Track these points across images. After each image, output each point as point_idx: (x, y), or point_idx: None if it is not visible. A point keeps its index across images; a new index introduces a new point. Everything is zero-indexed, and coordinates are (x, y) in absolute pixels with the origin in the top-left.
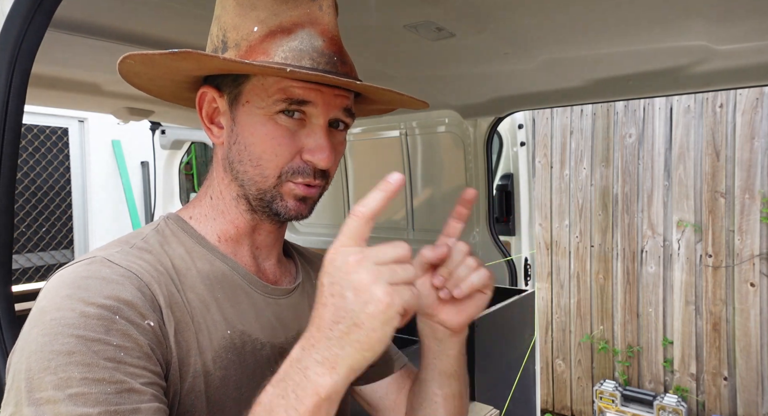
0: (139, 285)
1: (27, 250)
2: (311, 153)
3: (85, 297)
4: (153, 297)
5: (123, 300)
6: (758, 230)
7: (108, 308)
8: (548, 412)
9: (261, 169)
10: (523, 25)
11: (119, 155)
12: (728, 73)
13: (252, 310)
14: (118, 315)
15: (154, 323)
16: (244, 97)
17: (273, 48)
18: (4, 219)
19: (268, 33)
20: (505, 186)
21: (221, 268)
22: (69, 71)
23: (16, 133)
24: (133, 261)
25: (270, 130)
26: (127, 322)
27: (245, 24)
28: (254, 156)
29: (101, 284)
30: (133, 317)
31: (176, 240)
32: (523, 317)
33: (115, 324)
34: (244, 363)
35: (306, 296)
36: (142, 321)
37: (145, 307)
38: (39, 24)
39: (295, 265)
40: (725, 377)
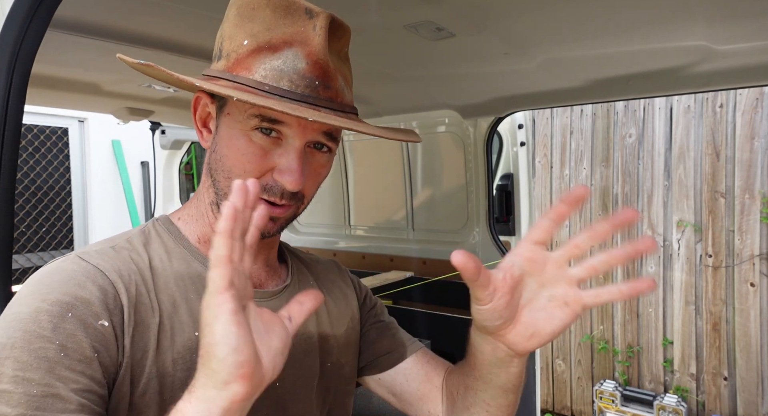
0: (103, 283)
1: (27, 250)
2: (281, 173)
3: (44, 293)
4: (116, 296)
5: (80, 298)
6: (758, 230)
7: (62, 304)
8: (548, 412)
9: (230, 181)
10: (523, 25)
11: (119, 155)
12: (728, 73)
13: None
14: (71, 312)
15: (107, 323)
16: (226, 108)
17: (256, 64)
18: (4, 219)
19: (256, 48)
20: (505, 186)
21: (197, 269)
22: (69, 71)
23: (16, 133)
24: (106, 259)
25: (242, 146)
26: (77, 321)
27: (238, 36)
28: (226, 167)
29: (63, 281)
30: (85, 316)
31: (159, 241)
32: None
33: (64, 321)
34: None
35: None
36: (95, 320)
37: (102, 306)
38: (39, 24)
39: (287, 269)
40: (725, 377)
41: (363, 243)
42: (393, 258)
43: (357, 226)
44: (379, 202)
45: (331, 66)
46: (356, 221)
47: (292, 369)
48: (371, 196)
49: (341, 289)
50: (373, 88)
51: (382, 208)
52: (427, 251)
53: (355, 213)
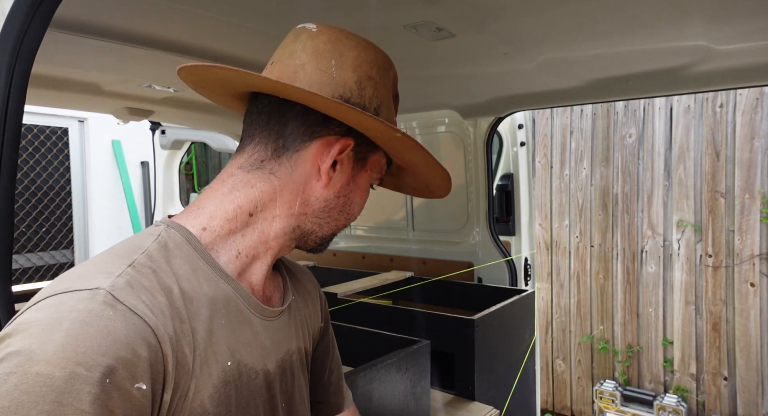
0: (146, 333)
1: (27, 250)
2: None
3: (80, 354)
4: (158, 348)
5: (122, 360)
6: (758, 230)
7: (102, 369)
8: (548, 412)
9: (348, 222)
10: (523, 25)
11: (119, 155)
12: (728, 73)
13: (251, 336)
14: (110, 378)
15: (146, 385)
16: (368, 164)
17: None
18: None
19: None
20: (505, 186)
21: (225, 291)
22: (69, 71)
23: (16, 133)
24: (139, 294)
25: (367, 195)
26: (115, 389)
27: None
28: (352, 213)
29: (101, 336)
30: (124, 381)
31: (181, 256)
32: (523, 317)
33: (104, 392)
34: (240, 395)
35: (292, 313)
36: (133, 385)
37: (144, 367)
38: (39, 24)
39: (282, 279)
40: (725, 377)
41: (363, 243)
42: (393, 258)
43: (357, 226)
44: (379, 202)
45: None
46: (356, 221)
47: (294, 387)
48: (371, 196)
49: (313, 304)
50: None
51: (382, 208)
52: (427, 251)
53: None
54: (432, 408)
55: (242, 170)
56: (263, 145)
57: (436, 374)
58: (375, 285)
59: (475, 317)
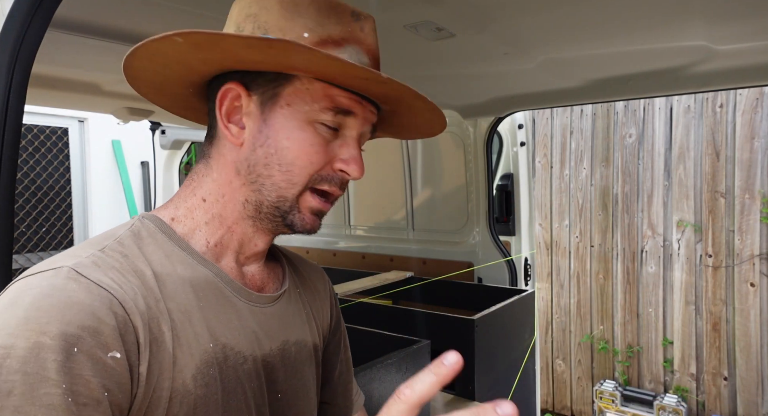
0: (111, 304)
1: (27, 250)
2: (346, 163)
3: (43, 324)
4: (126, 318)
5: (87, 328)
6: (758, 230)
7: (67, 337)
8: (548, 412)
9: (290, 175)
10: (523, 25)
11: (119, 155)
12: (728, 73)
13: (236, 320)
14: (77, 347)
15: (120, 354)
16: (283, 99)
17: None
18: (4, 219)
19: (320, 41)
20: (505, 186)
21: (204, 274)
22: (69, 71)
23: (16, 133)
24: (106, 272)
25: (309, 137)
26: (85, 357)
27: (294, 28)
28: (285, 161)
29: (64, 306)
30: (94, 349)
31: (153, 242)
32: (523, 317)
33: (70, 359)
34: (226, 378)
35: (292, 304)
36: (105, 353)
37: (113, 334)
38: (39, 24)
39: (282, 269)
40: (725, 377)
41: (363, 243)
42: (393, 258)
43: (357, 226)
44: (379, 202)
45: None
46: (356, 221)
47: (294, 379)
48: (371, 196)
49: (322, 301)
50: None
51: (382, 208)
52: (427, 251)
53: (355, 213)
54: (432, 408)
55: (197, 163)
56: (207, 135)
57: None
58: (375, 285)
59: (475, 317)
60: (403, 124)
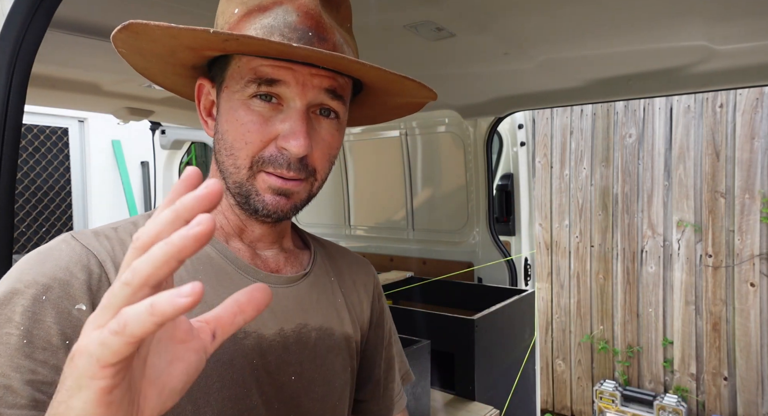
0: (89, 262)
1: (27, 250)
2: (285, 138)
3: (23, 273)
4: (102, 276)
5: (58, 279)
6: (758, 230)
7: (38, 286)
8: (548, 412)
9: (233, 159)
10: (523, 25)
11: (119, 155)
12: (728, 73)
13: None
14: (45, 295)
15: (86, 306)
16: (224, 83)
17: (246, 27)
18: (4, 219)
19: (246, 13)
20: (505, 186)
21: (208, 252)
22: (69, 71)
23: (16, 133)
24: (101, 239)
25: (241, 116)
26: (50, 305)
27: (229, 7)
28: (228, 144)
29: (44, 260)
30: (61, 299)
31: None
32: (523, 317)
33: (35, 305)
34: (222, 350)
35: (317, 289)
36: (72, 304)
37: (82, 289)
38: (39, 24)
39: (310, 256)
40: (725, 377)
41: (363, 243)
42: (393, 258)
43: (357, 226)
44: (379, 202)
45: (324, 18)
46: (356, 221)
47: (312, 364)
48: (371, 196)
49: (361, 294)
50: None
51: (382, 208)
52: (427, 251)
53: (355, 213)
54: (432, 408)
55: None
56: None
57: (436, 374)
58: None
59: (475, 317)
60: (384, 89)
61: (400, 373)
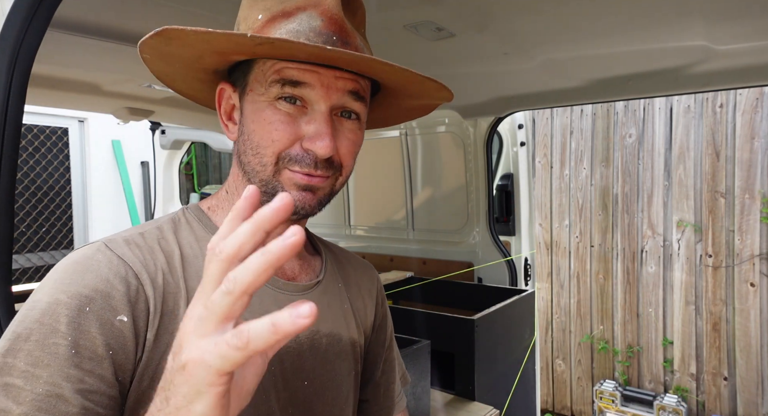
0: (126, 274)
1: (27, 250)
2: (311, 140)
3: (66, 283)
4: (139, 288)
5: (100, 291)
6: (758, 230)
7: (81, 297)
8: (548, 412)
9: (260, 157)
10: (523, 25)
11: (119, 155)
12: (728, 73)
13: (257, 303)
14: (89, 306)
15: (127, 318)
16: (248, 86)
17: (272, 32)
18: (4, 219)
19: (270, 18)
20: (505, 186)
21: None
22: (69, 71)
23: (16, 133)
24: (133, 248)
25: (268, 116)
26: (94, 316)
27: (252, 14)
28: (254, 144)
29: (84, 271)
30: (104, 311)
31: (189, 229)
32: (523, 317)
33: (80, 317)
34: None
35: (327, 296)
36: (114, 316)
37: (123, 300)
38: (39, 24)
39: (321, 262)
40: (725, 377)
41: (363, 243)
42: (393, 258)
43: (357, 226)
44: (379, 202)
45: (347, 24)
46: (356, 221)
47: (323, 369)
48: (371, 196)
49: (366, 298)
50: None
51: (382, 208)
52: (427, 251)
53: (355, 213)
54: (432, 408)
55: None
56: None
57: (436, 374)
58: None
59: (475, 317)
60: (404, 92)
61: (399, 375)
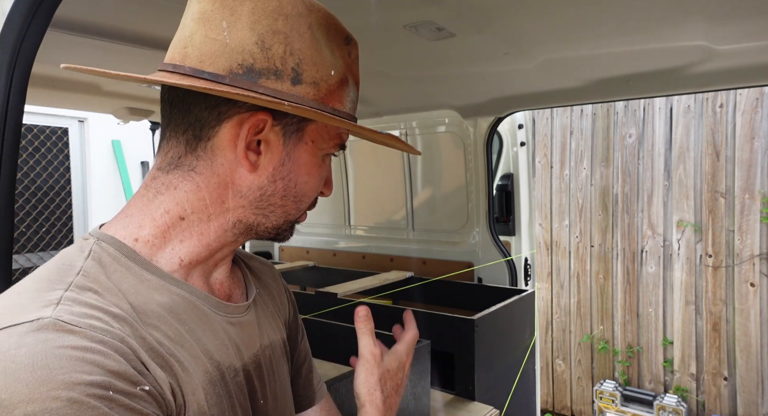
0: (116, 346)
1: (27, 250)
2: (327, 187)
3: (66, 379)
4: (134, 355)
5: (111, 372)
6: (758, 230)
7: (99, 385)
8: (548, 412)
9: (301, 204)
10: (523, 25)
11: (119, 155)
12: (728, 73)
13: (220, 336)
14: (112, 390)
15: (148, 386)
16: (307, 136)
17: (344, 97)
18: (4, 219)
19: (341, 81)
20: (505, 186)
21: (181, 296)
22: (69, 71)
23: (16, 133)
24: (91, 314)
25: (316, 170)
26: (123, 396)
27: (324, 64)
28: (301, 193)
29: (75, 357)
30: (127, 388)
31: (120, 270)
32: (523, 317)
33: (112, 402)
34: (228, 394)
35: (260, 307)
36: (135, 388)
37: (133, 374)
38: (39, 24)
39: (243, 275)
40: (725, 377)
41: (363, 244)
42: (393, 258)
43: (357, 226)
44: (379, 202)
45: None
46: (356, 221)
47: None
48: (371, 196)
49: (279, 295)
50: (373, 88)
51: (382, 208)
52: (427, 251)
53: (355, 214)
54: (432, 408)
55: (162, 172)
56: (175, 140)
57: (436, 374)
58: (375, 285)
59: (475, 317)
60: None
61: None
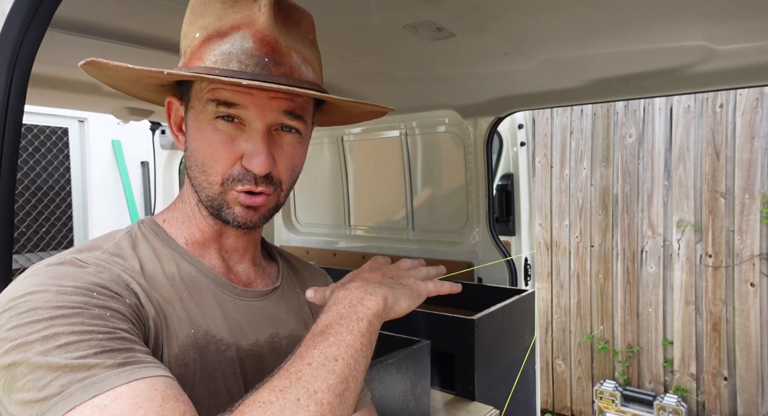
0: (111, 277)
1: (27, 250)
2: (248, 159)
3: (59, 283)
4: (127, 285)
5: (97, 284)
6: (758, 230)
7: (83, 288)
8: (548, 412)
9: (206, 175)
10: (523, 25)
11: (119, 155)
12: (728, 73)
13: (219, 311)
14: (95, 292)
15: (131, 301)
16: (190, 102)
17: (206, 53)
18: (4, 219)
19: (206, 38)
20: (505, 186)
21: (187, 270)
22: (69, 71)
23: (16, 133)
24: (104, 261)
25: (209, 135)
26: (104, 297)
27: (191, 31)
28: (199, 162)
29: (73, 274)
30: (109, 294)
31: (146, 243)
32: (523, 317)
33: (92, 298)
34: (205, 362)
35: (285, 301)
36: (119, 297)
37: (119, 289)
38: (39, 24)
39: (277, 269)
40: (725, 377)
41: (363, 243)
42: (393, 259)
43: (357, 226)
44: (379, 202)
45: (281, 43)
46: (356, 221)
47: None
48: (371, 196)
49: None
50: (373, 88)
51: (382, 208)
52: (427, 251)
53: (355, 213)
54: (432, 408)
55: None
56: None
57: (436, 374)
58: None
59: (475, 317)
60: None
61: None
